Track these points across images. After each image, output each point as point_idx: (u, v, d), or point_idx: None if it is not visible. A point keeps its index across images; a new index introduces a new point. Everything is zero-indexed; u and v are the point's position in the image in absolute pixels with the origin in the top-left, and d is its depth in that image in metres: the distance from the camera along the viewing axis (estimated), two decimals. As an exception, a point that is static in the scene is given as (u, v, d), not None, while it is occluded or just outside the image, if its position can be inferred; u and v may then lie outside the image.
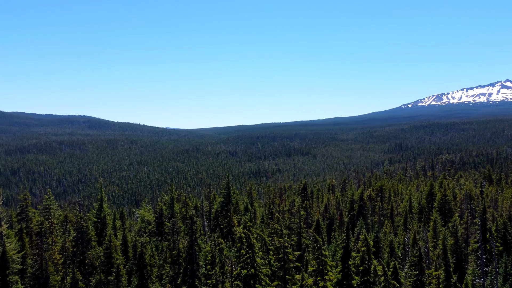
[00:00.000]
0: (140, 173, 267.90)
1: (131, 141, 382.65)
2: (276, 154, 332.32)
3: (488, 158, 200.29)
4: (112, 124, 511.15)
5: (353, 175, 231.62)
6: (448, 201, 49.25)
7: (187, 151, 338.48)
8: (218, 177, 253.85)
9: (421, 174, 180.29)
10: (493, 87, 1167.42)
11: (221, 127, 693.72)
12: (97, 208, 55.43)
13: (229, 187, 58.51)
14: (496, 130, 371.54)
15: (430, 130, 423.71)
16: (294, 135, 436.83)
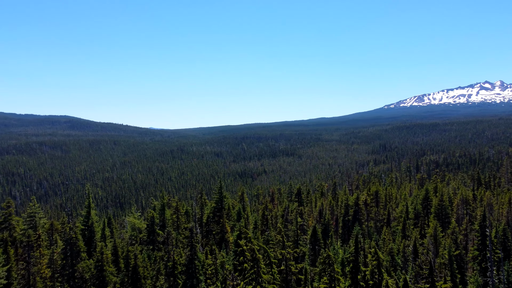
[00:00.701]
0: (123, 174, 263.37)
1: (114, 142, 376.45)
2: (261, 155, 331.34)
3: (471, 159, 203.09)
4: (94, 125, 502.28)
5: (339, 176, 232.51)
6: (445, 207, 48.92)
7: (172, 152, 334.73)
8: (204, 178, 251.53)
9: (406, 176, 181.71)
10: (473, 89, 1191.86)
11: (205, 128, 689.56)
12: (84, 215, 53.27)
13: (221, 192, 57.03)
14: (476, 130, 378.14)
15: (412, 130, 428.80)
16: (279, 136, 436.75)
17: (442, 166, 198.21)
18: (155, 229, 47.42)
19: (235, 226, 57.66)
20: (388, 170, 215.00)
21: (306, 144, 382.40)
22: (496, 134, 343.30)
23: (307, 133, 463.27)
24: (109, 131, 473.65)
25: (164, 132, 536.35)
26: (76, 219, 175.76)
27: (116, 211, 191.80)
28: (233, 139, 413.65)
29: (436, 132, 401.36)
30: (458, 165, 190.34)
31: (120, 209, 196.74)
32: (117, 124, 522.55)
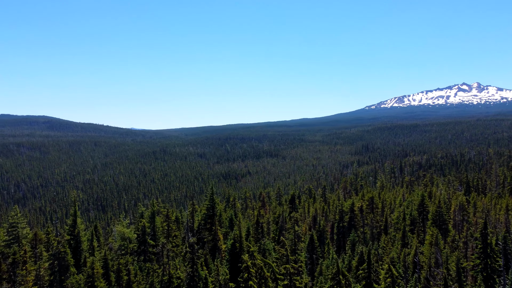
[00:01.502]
0: (105, 176, 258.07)
1: (94, 143, 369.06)
2: (245, 156, 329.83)
3: (453, 160, 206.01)
4: (74, 125, 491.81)
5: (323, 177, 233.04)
6: (442, 213, 48.50)
7: (154, 153, 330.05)
8: (187, 180, 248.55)
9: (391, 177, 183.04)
10: (451, 90, 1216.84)
11: (188, 128, 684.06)
12: (70, 224, 50.85)
13: (213, 199, 55.35)
14: (456, 131, 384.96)
15: (394, 131, 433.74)
16: (262, 137, 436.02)
17: (425, 167, 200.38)
18: (146, 239, 45.50)
19: (227, 233, 56.10)
20: (372, 171, 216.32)
21: (289, 145, 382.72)
22: (474, 135, 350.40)
23: (290, 133, 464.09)
24: (90, 131, 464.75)
25: (146, 133, 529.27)
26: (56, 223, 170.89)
27: (98, 214, 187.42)
28: (216, 140, 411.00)
29: (417, 133, 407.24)
30: (440, 166, 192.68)
31: (102, 212, 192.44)
32: (98, 125, 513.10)
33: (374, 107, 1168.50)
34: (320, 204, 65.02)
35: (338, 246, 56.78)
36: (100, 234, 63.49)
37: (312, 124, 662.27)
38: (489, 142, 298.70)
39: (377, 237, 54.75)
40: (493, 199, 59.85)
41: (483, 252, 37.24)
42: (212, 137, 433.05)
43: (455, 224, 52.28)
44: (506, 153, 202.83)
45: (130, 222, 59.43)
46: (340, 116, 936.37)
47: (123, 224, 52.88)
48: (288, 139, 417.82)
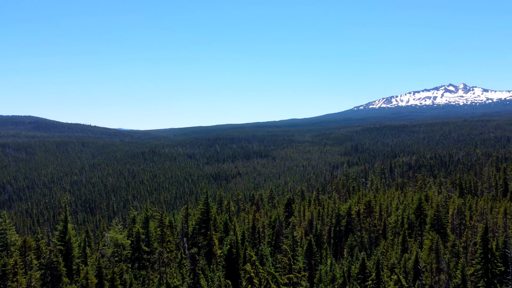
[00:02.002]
0: (93, 177, 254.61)
1: (82, 143, 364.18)
2: (235, 157, 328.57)
3: (442, 161, 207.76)
4: (61, 125, 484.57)
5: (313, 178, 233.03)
6: (441, 217, 48.21)
7: (143, 154, 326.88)
8: (177, 181, 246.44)
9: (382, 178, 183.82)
10: (438, 91, 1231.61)
11: (176, 128, 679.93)
12: (60, 230, 49.35)
13: (207, 203, 54.30)
14: (443, 132, 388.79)
15: (382, 132, 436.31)
16: (252, 137, 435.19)
17: (414, 167, 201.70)
18: (140, 245, 44.28)
19: (222, 238, 55.08)
20: (362, 172, 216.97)
21: (279, 145, 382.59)
22: (462, 136, 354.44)
23: (279, 134, 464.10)
24: (77, 132, 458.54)
25: (134, 133, 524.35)
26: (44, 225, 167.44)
27: (86, 216, 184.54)
28: (205, 141, 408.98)
29: (405, 134, 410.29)
30: (430, 167, 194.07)
31: (91, 214, 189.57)
32: (85, 125, 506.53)
33: (362, 108, 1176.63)
34: (316, 207, 64.34)
35: (335, 250, 56.22)
36: (91, 239, 61.97)
37: (301, 125, 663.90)
38: (476, 143, 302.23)
39: (374, 241, 54.31)
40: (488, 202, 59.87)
41: (484, 257, 36.94)
42: (201, 138, 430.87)
43: (453, 228, 52.09)
44: (494, 154, 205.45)
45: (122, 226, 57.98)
46: (329, 116, 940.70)
47: (115, 229, 51.53)
48: (277, 139, 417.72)
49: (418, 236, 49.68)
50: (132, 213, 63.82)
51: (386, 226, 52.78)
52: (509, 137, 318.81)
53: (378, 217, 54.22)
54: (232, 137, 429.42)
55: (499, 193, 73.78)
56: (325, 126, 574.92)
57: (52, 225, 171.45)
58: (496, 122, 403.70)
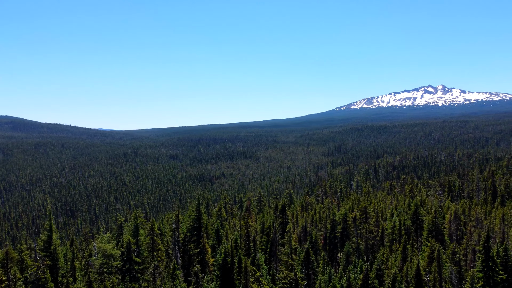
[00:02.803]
0: (74, 179, 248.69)
1: (62, 144, 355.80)
2: (219, 158, 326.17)
3: (425, 162, 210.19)
4: (39, 126, 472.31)
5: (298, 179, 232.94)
6: (438, 224, 47.76)
7: (125, 155, 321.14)
8: (160, 182, 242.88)
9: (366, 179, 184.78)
10: (417, 92, 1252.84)
11: (159, 129, 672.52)
12: (45, 240, 46.86)
13: (199, 210, 52.58)
14: (424, 133, 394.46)
15: (364, 132, 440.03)
16: (235, 138, 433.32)
17: (398, 168, 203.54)
18: (131, 256, 42.32)
19: (214, 245, 53.49)
20: (347, 172, 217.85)
21: (263, 146, 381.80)
22: (442, 136, 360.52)
23: (263, 135, 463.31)
24: (56, 132, 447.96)
25: (115, 134, 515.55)
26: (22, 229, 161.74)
27: (67, 219, 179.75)
28: (188, 141, 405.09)
29: (387, 134, 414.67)
30: (414, 168, 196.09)
31: (72, 218, 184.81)
32: (65, 125, 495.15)
33: (344, 108, 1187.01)
34: (309, 213, 63.28)
35: (330, 257, 55.20)
36: (76, 247, 59.51)
37: (284, 125, 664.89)
38: (456, 143, 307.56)
39: (372, 248, 53.54)
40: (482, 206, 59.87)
41: (486, 265, 36.51)
42: (184, 138, 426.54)
43: (450, 234, 51.76)
44: (475, 155, 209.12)
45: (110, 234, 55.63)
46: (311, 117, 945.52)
47: (103, 238, 49.35)
48: (261, 140, 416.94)
49: (415, 241, 49.22)
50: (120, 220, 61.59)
51: (383, 233, 52.03)
52: (487, 137, 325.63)
53: (375, 223, 53.48)
54: (216, 138, 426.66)
55: (488, 197, 74.29)
56: (308, 127, 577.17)
57: (32, 229, 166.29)
58: (475, 123, 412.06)
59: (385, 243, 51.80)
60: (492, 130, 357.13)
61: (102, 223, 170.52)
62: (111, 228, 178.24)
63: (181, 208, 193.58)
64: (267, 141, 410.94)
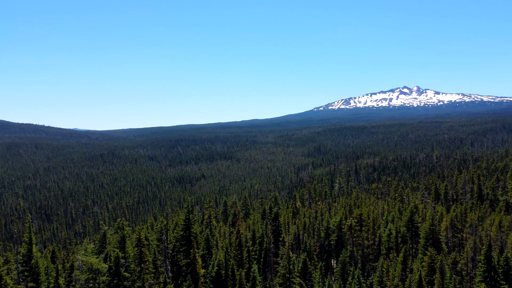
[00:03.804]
0: (48, 181, 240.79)
1: (35, 145, 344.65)
2: (198, 159, 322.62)
3: (404, 163, 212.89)
4: (11, 126, 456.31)
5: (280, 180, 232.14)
6: (436, 231, 47.14)
7: (102, 156, 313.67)
8: (139, 184, 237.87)
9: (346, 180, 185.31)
10: (393, 93, 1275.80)
11: (136, 129, 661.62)
12: (24, 254, 44.03)
13: (189, 218, 50.46)
14: (401, 133, 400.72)
15: (343, 133, 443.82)
16: (215, 138, 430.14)
17: (379, 169, 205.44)
18: (120, 271, 39.96)
19: (204, 256, 51.47)
20: (328, 173, 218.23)
21: (242, 146, 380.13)
22: (418, 137, 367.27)
23: (242, 135, 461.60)
24: (29, 133, 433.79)
25: (91, 134, 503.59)
26: None
27: (42, 224, 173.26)
28: (167, 142, 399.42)
29: (365, 135, 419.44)
30: (394, 169, 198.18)
31: (47, 222, 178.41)
32: (38, 125, 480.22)
33: (322, 109, 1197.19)
34: (301, 219, 61.91)
35: (325, 267, 53.90)
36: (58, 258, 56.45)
37: (263, 125, 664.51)
38: (432, 144, 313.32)
39: (368, 257, 52.54)
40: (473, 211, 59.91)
41: (488, 275, 35.98)
42: (162, 139, 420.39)
43: (446, 242, 51.35)
44: (452, 156, 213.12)
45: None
46: (290, 117, 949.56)
47: (88, 250, 46.63)
48: (240, 140, 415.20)
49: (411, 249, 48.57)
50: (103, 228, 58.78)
51: (380, 241, 51.18)
52: (462, 138, 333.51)
53: (371, 232, 52.59)
54: (195, 138, 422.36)
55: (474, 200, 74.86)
56: (287, 127, 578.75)
57: (5, 235, 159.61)
58: (449, 124, 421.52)
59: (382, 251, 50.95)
60: (466, 130, 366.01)
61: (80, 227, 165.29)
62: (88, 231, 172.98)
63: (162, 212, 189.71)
64: (247, 141, 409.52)
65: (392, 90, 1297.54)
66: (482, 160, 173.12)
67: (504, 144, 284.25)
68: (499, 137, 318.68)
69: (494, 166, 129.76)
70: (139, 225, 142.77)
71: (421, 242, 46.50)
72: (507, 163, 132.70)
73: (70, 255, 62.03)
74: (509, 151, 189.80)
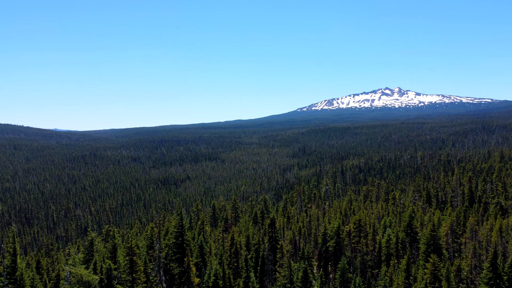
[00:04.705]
0: (28, 184, 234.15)
1: (14, 146, 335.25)
2: (182, 160, 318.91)
3: (389, 164, 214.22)
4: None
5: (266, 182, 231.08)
6: (437, 238, 46.43)
7: (84, 157, 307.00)
8: (123, 186, 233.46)
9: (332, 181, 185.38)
10: (375, 94, 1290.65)
11: (118, 129, 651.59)
12: (8, 265, 41.57)
13: (182, 225, 48.60)
14: (384, 134, 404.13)
15: (327, 134, 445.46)
16: (199, 139, 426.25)
17: (364, 170, 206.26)
18: (113, 284, 37.97)
19: (198, 264, 49.69)
20: (314, 175, 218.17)
21: (227, 147, 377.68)
22: (401, 138, 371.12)
23: (226, 136, 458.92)
24: (7, 133, 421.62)
25: (72, 135, 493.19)
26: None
27: (22, 228, 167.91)
28: (150, 143, 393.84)
29: (348, 135, 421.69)
30: (380, 170, 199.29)
31: (27, 226, 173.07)
32: (16, 126, 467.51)
33: (306, 109, 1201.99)
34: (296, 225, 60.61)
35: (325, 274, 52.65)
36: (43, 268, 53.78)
37: (246, 126, 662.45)
38: (415, 145, 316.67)
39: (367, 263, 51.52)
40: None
41: (494, 283, 35.38)
42: (145, 139, 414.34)
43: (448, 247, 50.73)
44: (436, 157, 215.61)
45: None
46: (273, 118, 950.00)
47: (76, 260, 44.39)
48: (225, 141, 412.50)
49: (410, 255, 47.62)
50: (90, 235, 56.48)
51: (381, 248, 50.21)
52: (443, 139, 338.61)
53: (371, 238, 51.66)
54: (178, 139, 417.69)
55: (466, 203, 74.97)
56: (271, 128, 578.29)
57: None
58: (430, 125, 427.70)
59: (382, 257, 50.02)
60: (447, 131, 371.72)
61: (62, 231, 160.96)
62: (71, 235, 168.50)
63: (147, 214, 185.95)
64: (231, 142, 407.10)
65: (374, 91, 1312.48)
66: (466, 161, 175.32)
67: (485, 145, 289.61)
68: (479, 137, 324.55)
69: (480, 168, 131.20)
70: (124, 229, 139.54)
71: (421, 248, 45.79)
72: (491, 164, 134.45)
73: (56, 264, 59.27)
74: (492, 152, 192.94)
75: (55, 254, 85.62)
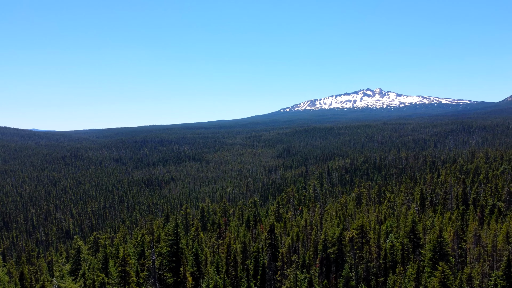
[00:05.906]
0: (6, 186, 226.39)
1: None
2: (166, 161, 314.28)
3: (375, 165, 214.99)
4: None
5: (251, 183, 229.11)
6: (443, 244, 45.14)
7: (64, 158, 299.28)
8: (105, 188, 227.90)
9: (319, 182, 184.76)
10: (357, 95, 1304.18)
11: (99, 130, 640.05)
12: (-10, 278, 38.53)
13: (177, 232, 46.25)
14: (367, 134, 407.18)
15: (310, 134, 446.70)
16: (182, 139, 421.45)
17: (350, 171, 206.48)
18: (107, 297, 35.47)
19: (194, 273, 47.38)
20: (300, 175, 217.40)
21: (211, 148, 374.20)
22: (384, 138, 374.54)
23: (209, 136, 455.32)
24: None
25: (51, 135, 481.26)
26: None
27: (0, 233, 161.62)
28: (132, 143, 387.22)
29: (332, 136, 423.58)
30: (366, 171, 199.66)
31: (6, 230, 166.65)
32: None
33: (288, 110, 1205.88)
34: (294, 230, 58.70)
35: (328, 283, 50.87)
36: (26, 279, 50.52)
37: (230, 126, 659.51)
38: (398, 145, 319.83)
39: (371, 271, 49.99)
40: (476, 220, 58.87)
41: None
42: (127, 140, 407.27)
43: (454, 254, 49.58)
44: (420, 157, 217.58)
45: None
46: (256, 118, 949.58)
47: (64, 271, 41.62)
48: (208, 141, 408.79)
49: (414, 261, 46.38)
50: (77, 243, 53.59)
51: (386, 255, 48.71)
52: (425, 139, 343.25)
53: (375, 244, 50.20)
54: (161, 139, 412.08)
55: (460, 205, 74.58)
56: (254, 128, 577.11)
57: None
58: (412, 125, 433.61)
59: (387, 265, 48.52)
60: (428, 132, 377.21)
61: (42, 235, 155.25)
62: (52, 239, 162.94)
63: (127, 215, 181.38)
64: (215, 142, 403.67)
65: (356, 92, 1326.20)
66: (450, 162, 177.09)
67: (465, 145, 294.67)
68: (460, 138, 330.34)
69: (466, 168, 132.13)
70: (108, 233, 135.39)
71: (427, 254, 44.54)
72: (477, 165, 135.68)
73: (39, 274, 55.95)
74: (475, 153, 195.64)
75: (36, 261, 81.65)
